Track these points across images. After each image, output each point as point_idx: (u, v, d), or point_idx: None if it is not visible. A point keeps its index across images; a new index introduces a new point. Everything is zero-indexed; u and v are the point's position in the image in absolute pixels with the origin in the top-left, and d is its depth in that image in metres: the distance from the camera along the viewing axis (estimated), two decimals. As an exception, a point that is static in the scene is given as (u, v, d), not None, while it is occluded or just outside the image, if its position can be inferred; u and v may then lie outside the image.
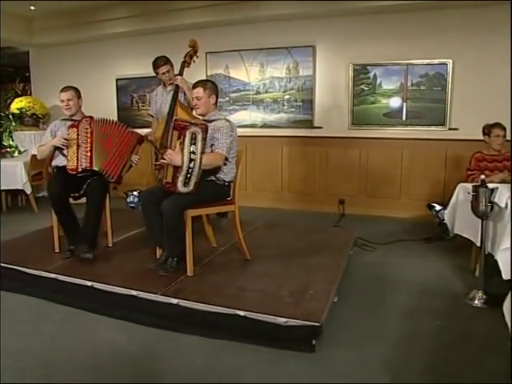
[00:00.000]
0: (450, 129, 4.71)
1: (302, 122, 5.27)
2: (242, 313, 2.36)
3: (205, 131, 2.69)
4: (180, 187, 2.69)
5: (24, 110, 5.78)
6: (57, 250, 3.34)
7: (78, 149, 3.23)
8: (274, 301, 2.50)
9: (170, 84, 3.87)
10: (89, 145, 3.21)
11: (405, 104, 4.84)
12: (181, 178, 2.68)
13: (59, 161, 3.40)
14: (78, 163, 3.21)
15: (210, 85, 3.02)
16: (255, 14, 5.02)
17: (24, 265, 3.04)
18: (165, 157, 2.71)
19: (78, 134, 3.24)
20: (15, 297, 2.92)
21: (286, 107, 5.31)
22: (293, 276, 2.86)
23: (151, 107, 4.06)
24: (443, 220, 4.10)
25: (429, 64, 4.66)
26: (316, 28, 5.05)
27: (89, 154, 3.20)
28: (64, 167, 3.28)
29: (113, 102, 6.11)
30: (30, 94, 6.50)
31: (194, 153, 2.64)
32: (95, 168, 3.19)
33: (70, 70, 6.22)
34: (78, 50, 6.17)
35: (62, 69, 6.29)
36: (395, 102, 4.88)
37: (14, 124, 6.03)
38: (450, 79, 4.59)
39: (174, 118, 2.74)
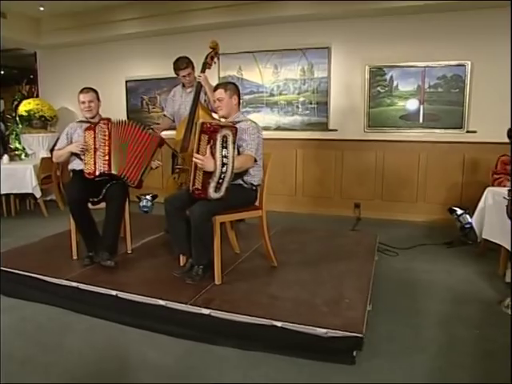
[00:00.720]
0: (467, 131, 4.63)
1: (317, 125, 5.17)
2: (279, 323, 2.25)
3: (235, 133, 2.59)
4: (211, 193, 2.57)
5: (32, 112, 5.65)
6: (75, 257, 3.22)
7: (95, 152, 3.12)
8: (309, 310, 2.39)
9: (190, 87, 3.76)
10: (107, 148, 3.10)
11: (422, 106, 4.76)
12: (212, 184, 2.56)
13: (76, 164, 3.29)
14: (95, 167, 3.11)
15: (231, 86, 2.94)
16: (269, 15, 4.93)
17: (43, 272, 2.92)
18: (196, 162, 2.57)
19: (94, 137, 3.13)
20: (35, 306, 2.81)
21: (300, 109, 5.22)
22: (323, 283, 2.76)
23: (166, 108, 3.95)
24: (465, 224, 4.03)
25: (447, 66, 4.58)
26: (331, 29, 4.97)
27: (107, 157, 3.09)
28: (81, 171, 3.18)
29: (122, 104, 5.99)
30: (37, 96, 6.37)
31: (226, 157, 2.53)
32: (113, 172, 3.09)
33: (78, 72, 6.12)
34: (87, 51, 6.06)
35: (71, 70, 6.18)
36: (412, 105, 4.80)
37: (20, 126, 5.89)
38: (468, 81, 4.51)
39: (202, 121, 2.61)
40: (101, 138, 3.12)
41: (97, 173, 3.10)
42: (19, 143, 5.94)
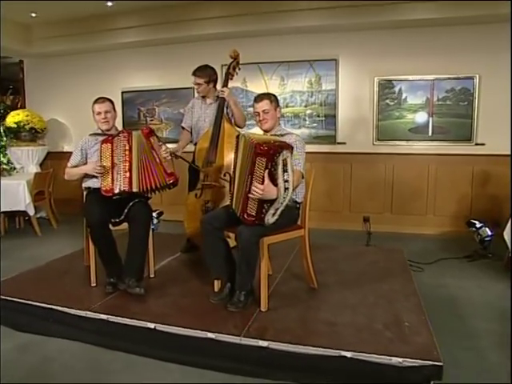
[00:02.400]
0: (476, 144, 4.62)
1: (325, 138, 5.04)
2: (348, 354, 2.05)
3: (291, 152, 2.34)
4: (269, 220, 2.31)
5: (22, 123, 5.22)
6: (93, 284, 2.89)
7: (112, 168, 2.83)
8: (373, 337, 2.21)
9: (204, 97, 3.56)
10: (127, 164, 2.81)
11: (431, 119, 4.72)
12: (271, 211, 2.30)
13: (91, 182, 3.00)
14: (113, 184, 2.82)
15: (274, 97, 2.77)
16: (275, 25, 4.78)
17: (63, 303, 2.59)
18: (256, 192, 2.26)
19: (112, 151, 2.85)
20: (56, 343, 2.47)
21: (307, 122, 5.09)
22: (373, 305, 2.59)
23: (185, 119, 3.70)
24: (485, 237, 3.97)
25: (455, 78, 4.57)
26: (339, 41, 4.88)
27: (127, 174, 2.80)
28: (98, 189, 2.88)
29: (118, 115, 5.63)
30: (22, 107, 5.93)
31: (287, 181, 2.26)
32: (135, 190, 2.81)
33: (70, 82, 5.76)
34: (80, 60, 5.70)
35: (62, 80, 5.80)
36: (421, 117, 4.76)
37: (4, 139, 5.44)
38: (476, 94, 4.52)
39: (255, 142, 2.33)
40: (120, 152, 2.83)
41: (116, 190, 2.81)
42: (3, 156, 5.48)
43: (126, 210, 2.82)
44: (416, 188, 4.89)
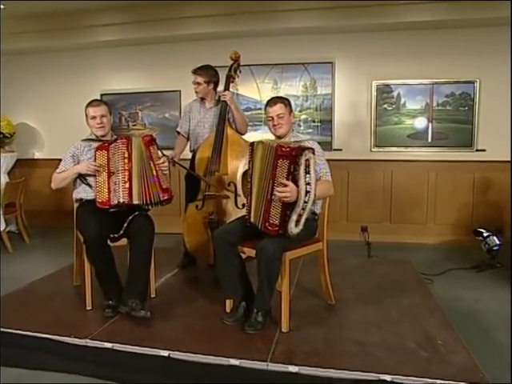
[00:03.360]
0: (477, 150, 4.71)
1: (321, 144, 4.90)
2: (387, 377, 1.99)
3: (314, 154, 2.31)
4: (292, 228, 2.24)
5: (-12, 128, 4.93)
6: (89, 307, 2.72)
7: (109, 177, 2.69)
8: (408, 357, 2.16)
9: (202, 100, 3.51)
10: (126, 173, 2.68)
11: (430, 124, 4.78)
12: (294, 217, 2.24)
13: (84, 192, 2.85)
14: (109, 196, 2.67)
15: (288, 101, 2.74)
16: (269, 26, 4.73)
17: (56, 331, 2.41)
18: (281, 195, 2.24)
19: (108, 158, 2.72)
20: (52, 377, 2.25)
21: (302, 128, 5.04)
22: (399, 322, 2.56)
23: (181, 124, 3.60)
24: (493, 246, 4.02)
25: (455, 83, 4.66)
26: (335, 43, 4.88)
27: (127, 184, 2.66)
28: (92, 201, 2.73)
29: (96, 120, 5.44)
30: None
31: (309, 184, 2.23)
32: (136, 202, 2.67)
33: (42, 83, 5.50)
34: (55, 59, 5.43)
35: (32, 81, 5.53)
36: (420, 123, 4.81)
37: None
38: (477, 99, 4.61)
39: (275, 145, 2.32)
40: (118, 160, 2.69)
41: (113, 202, 2.66)
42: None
43: (125, 224, 2.68)
44: (415, 196, 4.93)
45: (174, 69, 5.12)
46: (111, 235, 2.66)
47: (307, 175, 2.24)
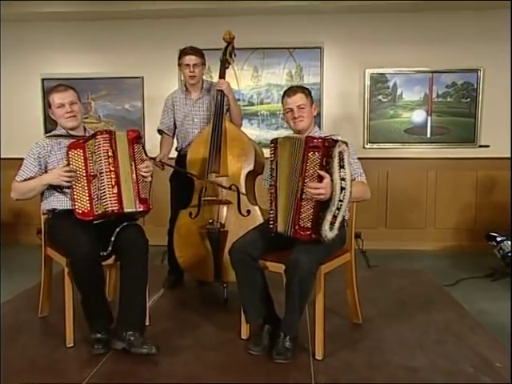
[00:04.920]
0: (480, 146, 4.90)
1: (309, 140, 5.01)
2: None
3: (347, 146, 2.29)
4: (326, 232, 2.20)
5: None
6: (70, 344, 2.49)
7: (89, 182, 2.52)
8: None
9: (193, 84, 3.37)
10: (113, 175, 2.50)
11: (429, 118, 4.92)
12: (328, 217, 2.20)
13: (57, 201, 2.64)
14: (91, 204, 2.50)
15: (309, 91, 2.70)
16: (248, 4, 4.69)
17: (36, 379, 2.16)
18: (313, 192, 2.20)
19: (85, 159, 2.54)
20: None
21: (286, 121, 5.02)
22: (442, 342, 2.57)
23: (162, 121, 3.49)
24: (508, 252, 4.19)
25: (457, 71, 4.82)
26: (325, 26, 4.89)
27: (115, 189, 2.48)
28: (70, 211, 2.53)
29: (37, 110, 5.12)
30: None
31: (343, 179, 2.20)
32: (128, 210, 2.50)
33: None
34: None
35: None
36: (418, 116, 4.94)
37: None
38: (480, 89, 4.80)
39: (305, 137, 2.29)
40: (101, 159, 2.50)
41: (97, 212, 2.48)
42: None
43: (112, 238, 2.49)
44: (413, 197, 5.04)
45: (135, 51, 4.97)
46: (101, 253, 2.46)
47: (341, 169, 2.22)
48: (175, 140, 3.51)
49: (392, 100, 4.94)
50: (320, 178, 2.20)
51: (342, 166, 2.21)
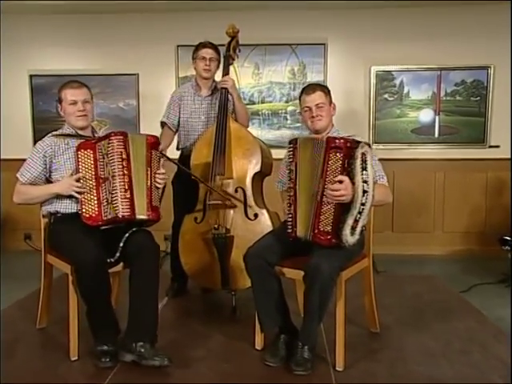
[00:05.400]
0: (490, 146, 4.94)
1: (313, 140, 5.02)
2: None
3: (370, 148, 2.30)
4: (347, 236, 2.20)
5: None
6: (74, 358, 2.44)
7: (98, 184, 2.50)
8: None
9: (206, 78, 3.37)
10: (127, 179, 2.48)
11: (437, 118, 4.95)
12: (350, 221, 2.20)
13: (59, 203, 2.61)
14: (100, 208, 2.47)
15: (328, 89, 2.70)
16: (249, -1, 4.70)
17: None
18: (333, 193, 2.20)
19: (95, 160, 2.51)
20: None
21: (289, 121, 5.03)
22: (468, 353, 2.57)
23: (166, 114, 3.44)
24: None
25: (466, 69, 4.85)
26: (328, 21, 4.90)
27: (128, 193, 2.46)
28: (74, 215, 2.52)
29: (24, 108, 5.07)
30: None
31: (366, 182, 2.20)
32: (140, 217, 2.48)
33: None
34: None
35: None
36: (426, 116, 4.97)
37: None
38: (491, 87, 4.84)
39: (326, 137, 2.29)
40: (114, 161, 2.48)
41: (106, 217, 2.46)
42: None
43: (121, 244, 2.46)
44: (421, 200, 5.06)
45: (131, 46, 4.94)
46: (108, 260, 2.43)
47: (364, 172, 2.22)
48: (176, 137, 3.48)
49: (398, 99, 4.97)
50: (342, 179, 2.20)
51: (364, 168, 2.21)
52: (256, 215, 3.00)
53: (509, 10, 4.64)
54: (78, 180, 2.48)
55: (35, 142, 5.04)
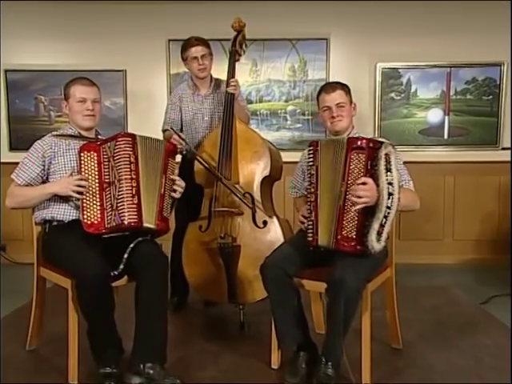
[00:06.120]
0: (503, 148, 4.99)
1: (314, 142, 5.03)
2: None
3: (394, 148, 2.31)
4: (373, 242, 2.21)
5: None
6: (73, 381, 2.38)
7: (101, 189, 2.46)
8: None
9: (203, 78, 3.37)
10: (134, 184, 2.44)
11: (447, 118, 4.99)
12: (375, 226, 2.20)
13: (55, 210, 2.57)
14: (103, 215, 2.43)
15: (348, 88, 2.71)
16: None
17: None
18: (359, 195, 2.21)
19: (100, 163, 2.48)
20: None
21: (289, 122, 5.04)
22: (500, 370, 2.57)
23: (167, 120, 3.43)
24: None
25: (477, 66, 4.90)
26: (331, 15, 4.93)
27: (135, 199, 2.43)
28: (72, 223, 2.50)
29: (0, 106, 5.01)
30: None
31: (391, 184, 2.21)
32: (147, 225, 2.44)
33: None
34: None
35: None
36: (435, 116, 5.00)
37: None
38: (503, 86, 4.89)
39: (348, 136, 2.31)
40: (120, 164, 2.44)
41: (109, 224, 2.41)
42: None
43: (125, 255, 2.41)
44: (429, 205, 5.07)
45: (117, 39, 4.91)
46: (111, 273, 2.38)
47: (388, 173, 2.23)
48: None
49: (405, 98, 5.00)
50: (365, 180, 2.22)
51: (388, 170, 2.22)
52: (265, 222, 2.99)
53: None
54: (79, 180, 2.44)
55: (11, 143, 4.98)
